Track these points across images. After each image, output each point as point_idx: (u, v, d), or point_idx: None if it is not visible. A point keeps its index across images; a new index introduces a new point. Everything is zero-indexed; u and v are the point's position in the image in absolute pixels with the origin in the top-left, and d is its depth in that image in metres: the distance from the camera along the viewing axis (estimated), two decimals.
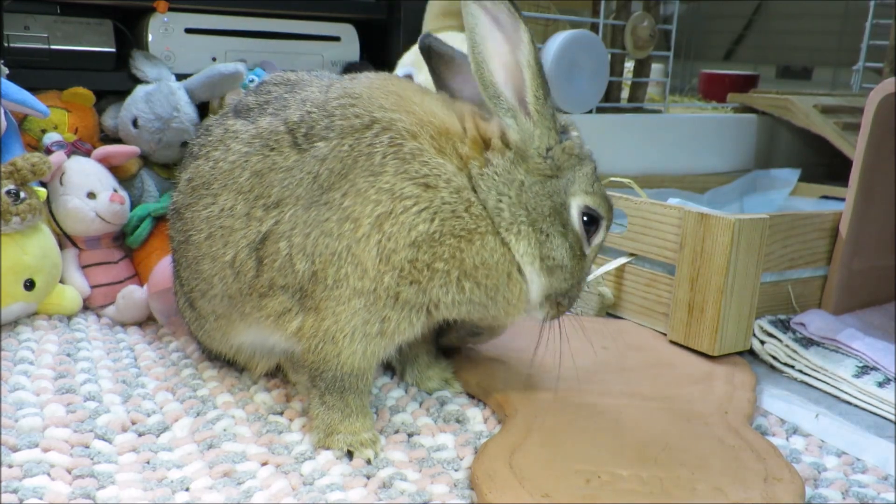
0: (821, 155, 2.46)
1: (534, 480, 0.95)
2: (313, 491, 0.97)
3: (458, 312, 1.08)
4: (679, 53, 3.81)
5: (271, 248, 1.07)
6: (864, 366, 1.31)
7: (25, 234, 1.46)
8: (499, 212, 1.04)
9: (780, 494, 0.94)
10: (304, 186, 1.05)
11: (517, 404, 1.16)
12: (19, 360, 1.31)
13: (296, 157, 1.07)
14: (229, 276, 1.12)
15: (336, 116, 1.06)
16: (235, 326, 1.19)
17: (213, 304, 1.19)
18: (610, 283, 1.63)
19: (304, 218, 1.04)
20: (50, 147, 1.65)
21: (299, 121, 1.09)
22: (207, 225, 1.13)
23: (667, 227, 1.48)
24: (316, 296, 1.05)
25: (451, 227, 1.02)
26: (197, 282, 1.19)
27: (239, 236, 1.10)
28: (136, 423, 1.14)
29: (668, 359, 1.39)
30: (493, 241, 1.04)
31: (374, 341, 1.07)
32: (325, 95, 1.11)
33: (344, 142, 1.04)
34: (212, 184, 1.14)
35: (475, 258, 1.03)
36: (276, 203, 1.07)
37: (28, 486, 0.94)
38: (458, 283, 1.04)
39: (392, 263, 1.01)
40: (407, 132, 1.03)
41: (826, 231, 1.53)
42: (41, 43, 1.79)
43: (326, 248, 1.02)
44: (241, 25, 2.00)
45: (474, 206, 1.03)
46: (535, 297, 1.09)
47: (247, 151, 1.11)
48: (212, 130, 1.20)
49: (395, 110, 1.05)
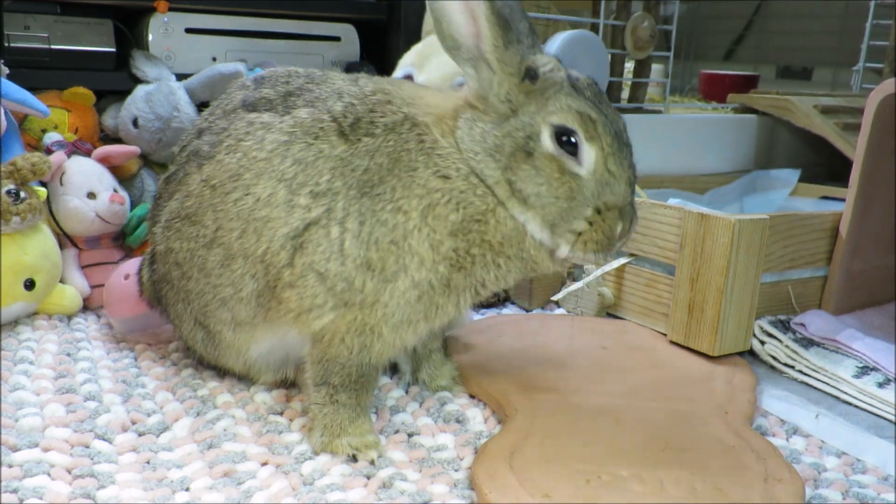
0: (821, 155, 2.46)
1: (534, 480, 0.95)
2: (313, 491, 0.98)
3: (504, 285, 1.12)
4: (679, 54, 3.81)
5: (316, 234, 1.05)
6: (864, 366, 1.31)
7: (25, 234, 1.46)
8: (481, 171, 1.05)
9: (780, 495, 0.94)
10: (356, 176, 1.06)
11: (517, 404, 1.16)
12: (19, 360, 1.31)
13: (344, 147, 1.08)
14: (260, 272, 1.10)
15: (377, 113, 1.09)
16: (257, 332, 1.17)
17: (236, 310, 1.15)
18: (610, 283, 1.63)
19: (357, 206, 1.05)
20: (50, 147, 1.65)
21: (343, 111, 1.11)
22: (240, 221, 1.10)
23: (667, 227, 1.48)
24: (366, 288, 1.04)
25: (471, 214, 1.05)
26: (217, 291, 1.15)
27: (279, 225, 1.07)
28: (136, 423, 1.14)
29: (668, 359, 1.39)
30: (502, 211, 1.06)
31: (418, 327, 1.09)
32: (361, 89, 1.14)
33: (389, 138, 1.07)
34: (243, 175, 1.10)
35: (496, 236, 1.06)
36: (327, 191, 1.06)
37: (28, 486, 0.94)
38: (494, 262, 1.08)
39: (442, 254, 1.05)
40: (425, 126, 1.08)
41: (826, 231, 1.53)
42: (41, 43, 1.79)
43: (384, 237, 1.04)
44: (241, 25, 2.00)
45: (479, 186, 1.06)
46: (537, 235, 1.06)
47: (286, 140, 1.10)
48: (221, 127, 1.17)
49: (413, 104, 1.11)
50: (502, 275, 1.09)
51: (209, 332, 1.22)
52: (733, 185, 2.27)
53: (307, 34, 2.09)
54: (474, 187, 1.05)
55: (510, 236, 1.07)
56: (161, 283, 1.26)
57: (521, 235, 1.07)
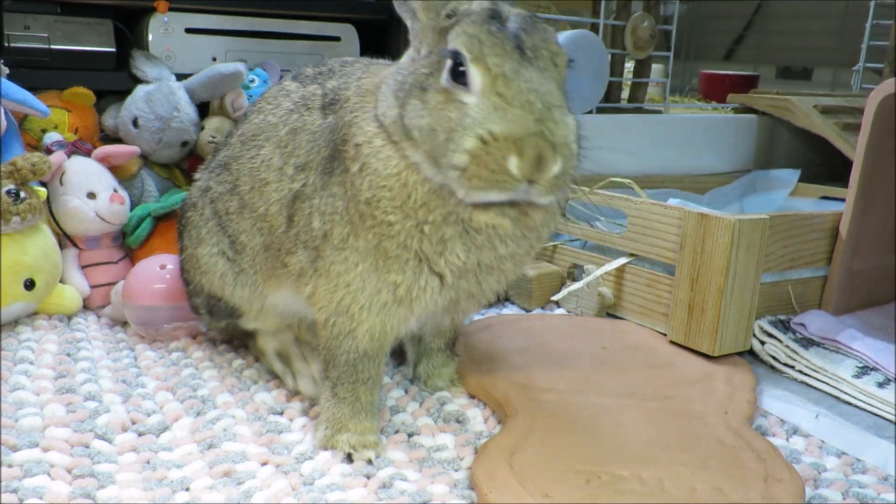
0: (821, 155, 2.46)
1: (534, 480, 0.95)
2: (313, 491, 0.98)
3: (452, 258, 1.02)
4: (679, 54, 3.81)
5: (298, 206, 1.12)
6: (863, 366, 1.31)
7: (25, 234, 1.46)
8: (383, 114, 1.02)
9: (780, 495, 0.94)
10: (322, 154, 1.10)
11: (517, 404, 1.16)
12: (19, 360, 1.31)
13: (320, 122, 1.13)
14: (266, 229, 1.18)
15: (341, 93, 1.12)
16: (270, 282, 1.23)
17: (255, 259, 1.22)
18: (610, 284, 1.63)
19: (320, 183, 1.09)
20: (50, 147, 1.65)
21: (333, 89, 1.15)
22: (250, 178, 1.20)
23: (667, 227, 1.48)
24: (325, 256, 1.07)
25: (378, 182, 1.01)
26: (239, 233, 1.23)
27: (271, 189, 1.15)
28: (136, 422, 1.14)
29: (668, 359, 1.39)
30: (412, 176, 1.00)
31: (392, 311, 1.07)
32: (360, 74, 1.15)
33: (339, 114, 1.10)
34: (258, 135, 1.21)
35: (408, 201, 1.00)
36: (305, 164, 1.12)
37: (28, 486, 0.94)
38: (418, 228, 1.00)
39: (367, 225, 1.02)
40: (361, 98, 1.09)
41: (826, 231, 1.53)
42: (41, 43, 1.79)
43: (333, 209, 1.06)
44: (241, 25, 2.00)
45: (383, 150, 1.02)
46: (431, 175, 0.98)
47: (290, 108, 1.19)
48: (270, 91, 1.29)
49: (366, 79, 1.13)
50: (434, 242, 1.01)
51: (231, 262, 1.27)
52: (733, 185, 2.27)
53: (307, 34, 2.08)
54: (377, 151, 1.01)
55: (424, 201, 0.99)
56: (189, 209, 1.35)
57: (439, 198, 0.99)
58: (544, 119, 0.91)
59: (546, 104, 0.92)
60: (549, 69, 0.96)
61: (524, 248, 1.07)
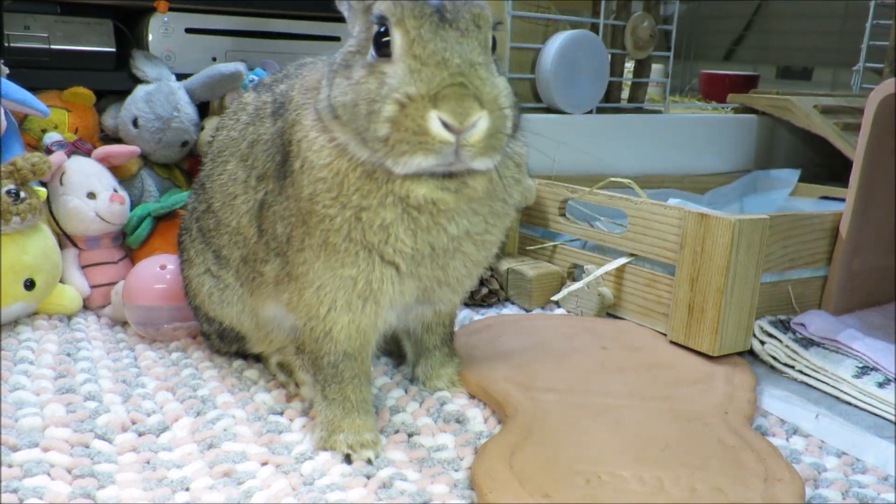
0: (821, 155, 2.46)
1: (534, 480, 0.95)
2: (313, 491, 0.98)
3: (398, 243, 1.01)
4: (679, 53, 3.81)
5: (264, 215, 1.13)
6: (863, 366, 1.31)
7: (25, 234, 1.46)
8: (317, 100, 1.03)
9: (780, 495, 0.94)
10: (275, 160, 1.10)
11: (517, 404, 1.16)
12: (19, 360, 1.31)
13: (272, 130, 1.13)
14: (241, 241, 1.20)
15: (296, 98, 1.10)
16: (256, 297, 1.23)
17: (238, 273, 1.23)
18: (610, 284, 1.63)
19: (278, 188, 1.10)
20: (50, 147, 1.65)
21: (281, 93, 1.15)
22: (221, 193, 1.22)
23: (667, 227, 1.48)
24: (291, 260, 1.09)
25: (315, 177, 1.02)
26: (221, 248, 1.25)
27: (240, 202, 1.17)
28: (136, 422, 1.14)
29: (668, 359, 1.39)
30: (341, 164, 0.99)
31: (359, 308, 1.06)
32: (307, 73, 1.14)
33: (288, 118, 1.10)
34: (224, 151, 1.23)
35: (340, 189, 0.99)
36: (263, 175, 1.14)
37: (28, 486, 0.94)
38: (356, 217, 1.00)
39: (313, 223, 1.02)
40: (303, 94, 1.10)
41: (826, 231, 1.53)
42: (41, 43, 1.79)
43: (290, 212, 1.06)
44: (241, 25, 2.00)
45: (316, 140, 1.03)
46: (361, 156, 0.96)
47: (247, 121, 1.20)
48: (232, 106, 1.30)
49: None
50: (375, 229, 0.99)
51: (216, 279, 1.28)
52: (733, 185, 2.27)
53: (307, 34, 2.08)
54: (312, 143, 1.01)
55: (357, 186, 0.98)
56: (182, 233, 1.37)
57: (372, 181, 0.97)
58: (465, 73, 0.89)
59: (466, 61, 0.90)
60: (471, 30, 0.92)
61: (480, 227, 1.05)
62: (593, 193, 1.68)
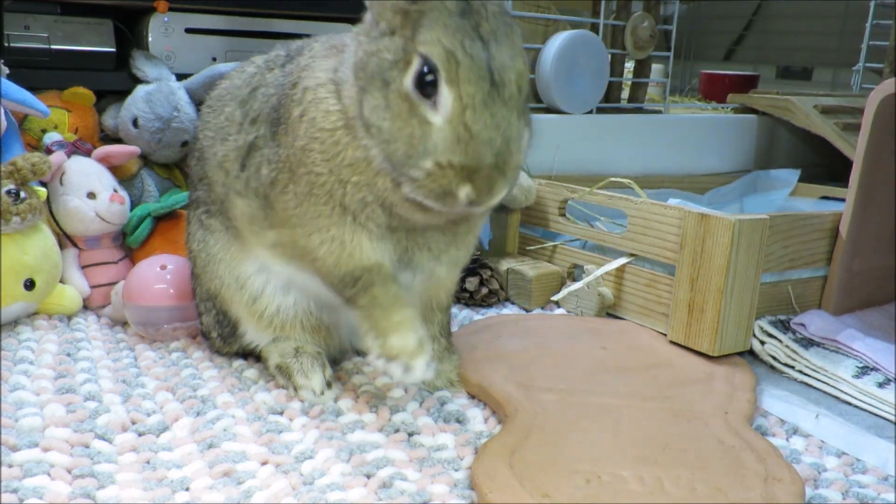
0: (821, 155, 2.46)
1: (534, 480, 0.95)
2: (313, 491, 0.97)
3: (376, 218, 1.08)
4: (679, 54, 3.81)
5: (251, 155, 1.18)
6: (863, 366, 1.31)
7: (25, 234, 1.46)
8: (341, 80, 1.06)
9: (780, 495, 0.94)
10: (270, 103, 1.16)
11: (517, 404, 1.16)
12: (19, 360, 1.31)
13: (279, 75, 1.18)
14: (222, 174, 1.24)
15: (316, 47, 1.17)
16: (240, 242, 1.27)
17: (221, 208, 1.28)
18: (610, 284, 1.63)
19: (269, 133, 1.15)
20: (50, 147, 1.65)
21: (297, 47, 1.21)
22: (213, 132, 1.28)
23: (667, 227, 1.48)
24: (273, 200, 1.14)
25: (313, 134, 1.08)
26: (211, 182, 1.29)
27: (231, 140, 1.22)
28: (136, 422, 1.14)
29: (668, 359, 1.39)
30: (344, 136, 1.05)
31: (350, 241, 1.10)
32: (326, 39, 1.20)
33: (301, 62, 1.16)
34: (224, 97, 1.29)
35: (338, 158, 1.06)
36: (256, 118, 1.18)
37: (28, 486, 0.94)
38: (340, 182, 1.07)
39: (300, 173, 1.09)
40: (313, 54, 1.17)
41: (826, 231, 1.53)
42: (41, 43, 1.79)
43: (278, 157, 1.11)
44: (241, 25, 2.00)
45: (327, 100, 1.08)
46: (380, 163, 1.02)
47: (253, 72, 1.26)
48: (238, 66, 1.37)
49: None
50: (355, 200, 1.06)
51: (206, 230, 1.31)
52: (733, 185, 2.27)
53: (307, 34, 2.08)
54: (319, 101, 1.06)
55: (350, 163, 1.04)
56: (188, 205, 1.40)
57: (368, 167, 1.03)
58: (502, 153, 0.94)
59: (506, 139, 0.94)
60: (514, 97, 0.96)
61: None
62: (593, 193, 1.68)
